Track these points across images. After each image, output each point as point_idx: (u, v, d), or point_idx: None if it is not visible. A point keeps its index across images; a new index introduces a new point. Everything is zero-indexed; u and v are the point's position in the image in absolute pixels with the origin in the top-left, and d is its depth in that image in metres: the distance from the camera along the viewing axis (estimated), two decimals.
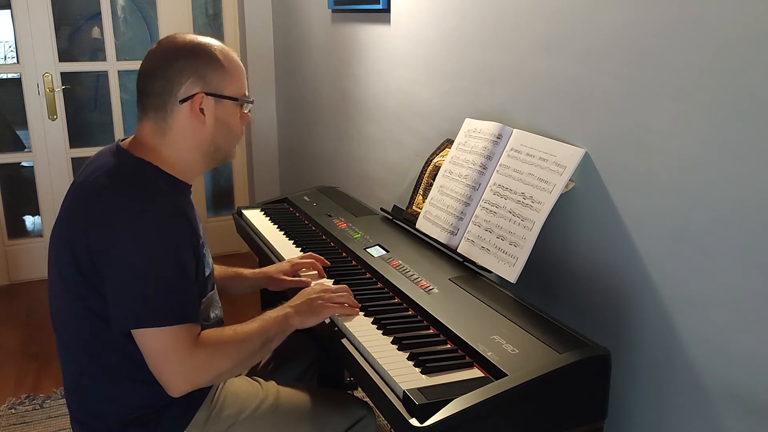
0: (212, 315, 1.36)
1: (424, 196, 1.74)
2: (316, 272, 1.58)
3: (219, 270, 1.61)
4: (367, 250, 1.65)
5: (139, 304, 1.14)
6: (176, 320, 1.14)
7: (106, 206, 1.17)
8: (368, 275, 1.55)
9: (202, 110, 1.25)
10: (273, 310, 1.31)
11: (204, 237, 1.33)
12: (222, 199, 3.99)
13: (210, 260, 1.36)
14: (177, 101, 1.24)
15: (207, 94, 1.25)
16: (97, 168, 1.25)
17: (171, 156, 1.27)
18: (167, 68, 1.23)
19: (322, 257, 1.61)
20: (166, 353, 1.15)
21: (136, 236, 1.14)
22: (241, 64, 1.31)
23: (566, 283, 1.49)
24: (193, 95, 1.24)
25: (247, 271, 1.63)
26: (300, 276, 1.57)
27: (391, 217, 1.87)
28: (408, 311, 1.36)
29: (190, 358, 1.16)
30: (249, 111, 1.34)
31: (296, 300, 1.34)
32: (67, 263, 1.20)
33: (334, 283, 1.49)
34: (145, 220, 1.15)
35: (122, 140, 1.31)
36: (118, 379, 1.23)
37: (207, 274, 1.32)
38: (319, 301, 1.33)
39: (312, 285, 1.43)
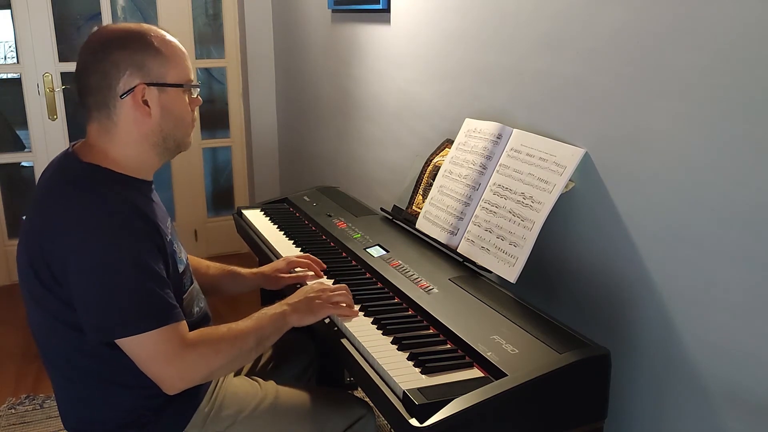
0: (195, 309, 1.34)
1: (424, 196, 1.74)
2: (313, 273, 1.57)
3: (215, 269, 1.60)
4: (367, 250, 1.65)
5: (109, 314, 1.11)
6: (154, 324, 1.11)
7: (57, 218, 1.13)
8: (368, 275, 1.55)
9: (145, 102, 1.20)
10: (270, 307, 1.30)
11: (173, 233, 1.30)
12: (222, 199, 3.99)
13: (183, 256, 1.32)
14: (118, 96, 1.18)
15: (148, 84, 1.19)
16: (48, 178, 1.21)
17: (120, 154, 1.22)
18: (101, 62, 1.17)
19: (319, 260, 1.60)
20: (154, 356, 1.12)
21: (91, 245, 1.10)
22: (182, 47, 1.25)
23: (566, 283, 1.49)
24: (134, 87, 1.18)
25: (244, 271, 1.61)
26: (296, 273, 1.56)
27: (391, 217, 1.87)
28: (408, 311, 1.36)
29: (181, 356, 1.13)
30: (197, 95, 1.28)
31: (294, 298, 1.33)
32: (31, 280, 1.17)
33: (333, 283, 1.49)
34: (97, 226, 1.11)
35: (75, 144, 1.26)
36: (106, 385, 1.22)
37: (181, 270, 1.28)
38: (318, 301, 1.31)
39: (310, 284, 1.43)
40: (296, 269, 1.58)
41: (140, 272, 1.13)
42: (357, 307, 1.37)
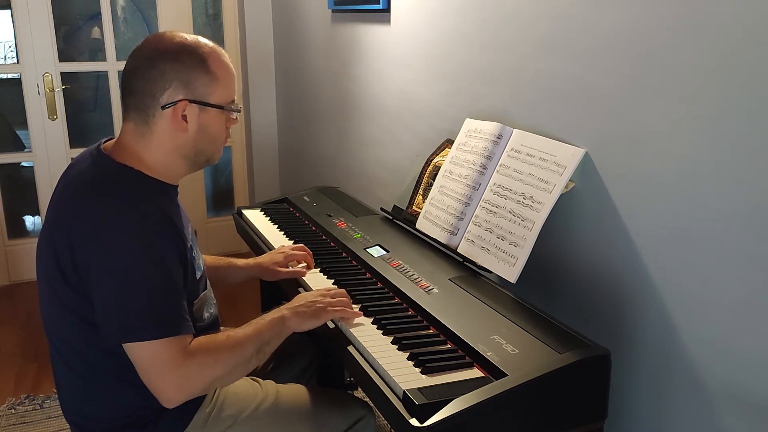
0: (206, 315, 1.34)
1: (424, 196, 1.74)
2: (305, 264, 1.61)
3: (211, 260, 1.59)
4: (367, 250, 1.65)
5: (125, 317, 1.11)
6: (164, 333, 1.12)
7: (88, 216, 1.14)
8: (368, 275, 1.55)
9: (184, 117, 1.20)
10: (269, 313, 1.29)
11: (193, 239, 1.30)
12: (222, 199, 3.98)
13: (200, 262, 1.33)
14: (159, 106, 1.18)
15: (191, 101, 1.19)
16: (79, 174, 1.22)
17: (151, 159, 1.23)
18: (150, 69, 1.18)
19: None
20: (156, 365, 1.12)
21: (119, 247, 1.11)
22: (231, 68, 1.25)
23: (566, 283, 1.49)
24: (176, 102, 1.18)
25: (240, 262, 1.63)
26: (291, 268, 1.60)
27: (391, 217, 1.87)
28: (408, 311, 1.36)
29: (181, 368, 1.13)
30: (236, 117, 1.28)
31: (294, 302, 1.33)
32: (53, 272, 1.17)
33: (333, 284, 1.49)
34: (128, 229, 1.12)
35: (105, 141, 1.27)
36: (113, 382, 1.22)
37: (198, 276, 1.29)
38: (319, 305, 1.31)
39: (310, 291, 1.43)
40: (291, 264, 1.62)
41: (163, 278, 1.14)
42: (356, 308, 1.36)
